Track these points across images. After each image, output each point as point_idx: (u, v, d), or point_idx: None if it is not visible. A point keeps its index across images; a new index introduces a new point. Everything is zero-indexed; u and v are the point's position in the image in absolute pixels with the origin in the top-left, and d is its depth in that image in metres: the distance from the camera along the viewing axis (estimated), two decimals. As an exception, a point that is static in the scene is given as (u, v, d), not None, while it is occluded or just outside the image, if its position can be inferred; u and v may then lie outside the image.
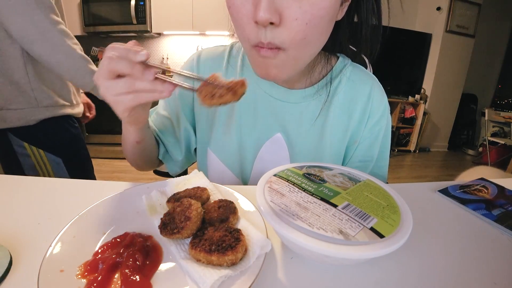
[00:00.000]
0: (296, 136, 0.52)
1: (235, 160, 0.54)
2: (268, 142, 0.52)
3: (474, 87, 3.67)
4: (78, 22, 2.82)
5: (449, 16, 3.13)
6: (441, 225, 0.40)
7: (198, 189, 0.38)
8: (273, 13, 0.32)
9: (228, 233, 0.28)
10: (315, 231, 0.25)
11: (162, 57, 3.17)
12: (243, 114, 0.52)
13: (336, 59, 0.53)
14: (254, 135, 0.52)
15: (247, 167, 0.54)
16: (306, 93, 0.51)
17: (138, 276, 0.26)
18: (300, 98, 0.51)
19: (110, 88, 0.32)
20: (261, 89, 0.52)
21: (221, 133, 0.53)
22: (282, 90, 0.51)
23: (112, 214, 0.35)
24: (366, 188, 0.33)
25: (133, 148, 0.47)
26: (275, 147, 0.52)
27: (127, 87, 0.32)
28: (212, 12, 2.76)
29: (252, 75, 0.52)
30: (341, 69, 0.52)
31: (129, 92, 0.32)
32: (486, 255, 0.33)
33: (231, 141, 0.53)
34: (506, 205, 0.44)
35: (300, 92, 0.51)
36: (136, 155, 0.50)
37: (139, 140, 0.46)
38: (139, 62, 0.32)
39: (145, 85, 0.32)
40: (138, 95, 0.33)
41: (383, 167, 0.55)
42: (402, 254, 0.32)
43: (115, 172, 2.56)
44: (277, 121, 0.52)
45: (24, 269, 0.28)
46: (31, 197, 0.43)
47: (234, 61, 0.54)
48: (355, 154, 0.54)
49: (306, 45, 0.37)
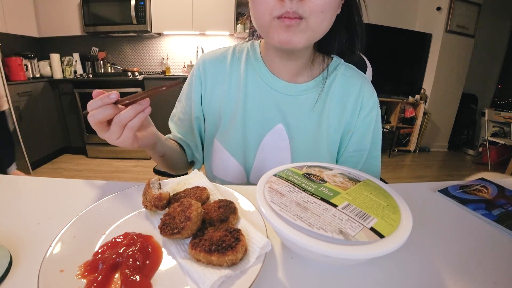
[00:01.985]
0: (296, 127, 0.56)
1: (239, 149, 0.58)
2: (270, 132, 0.57)
3: (474, 87, 3.67)
4: (78, 22, 2.82)
5: (449, 16, 3.12)
6: (441, 225, 0.40)
7: (197, 189, 0.38)
8: None
9: (228, 233, 0.28)
10: (315, 231, 0.25)
11: (162, 57, 3.17)
12: (247, 106, 0.56)
13: (331, 59, 0.58)
14: (257, 125, 0.57)
15: (250, 156, 0.58)
16: (306, 87, 0.55)
17: (138, 276, 0.26)
18: (300, 91, 0.55)
19: (111, 137, 0.38)
20: (264, 83, 0.56)
21: (227, 124, 0.58)
22: (284, 84, 0.55)
23: (112, 214, 0.35)
24: (366, 188, 0.33)
25: (160, 162, 0.56)
26: (277, 137, 0.56)
27: (118, 126, 0.37)
28: (212, 12, 2.76)
29: (255, 70, 0.55)
30: (336, 67, 0.57)
31: (122, 128, 0.37)
32: (486, 255, 0.33)
33: (236, 131, 0.57)
34: (506, 205, 0.44)
35: (301, 86, 0.55)
36: (165, 165, 0.59)
37: (161, 154, 0.53)
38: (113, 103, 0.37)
39: (128, 114, 0.37)
40: (129, 125, 0.37)
41: (376, 157, 0.60)
42: (402, 254, 0.32)
43: (115, 172, 2.56)
44: (278, 112, 0.56)
45: (24, 269, 0.28)
46: (31, 197, 0.43)
47: (238, 59, 0.58)
48: (349, 144, 0.58)
49: (324, 19, 0.43)
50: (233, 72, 0.57)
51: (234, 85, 0.57)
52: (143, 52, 3.22)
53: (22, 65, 2.51)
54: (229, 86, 0.57)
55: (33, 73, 2.72)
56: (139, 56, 3.23)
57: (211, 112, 0.59)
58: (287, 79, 0.55)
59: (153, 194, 0.36)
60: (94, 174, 2.52)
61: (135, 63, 3.24)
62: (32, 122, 2.48)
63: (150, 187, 0.38)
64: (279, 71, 0.55)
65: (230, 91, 0.57)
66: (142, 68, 3.25)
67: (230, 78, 0.57)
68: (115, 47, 3.17)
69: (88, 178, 1.35)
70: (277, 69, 0.55)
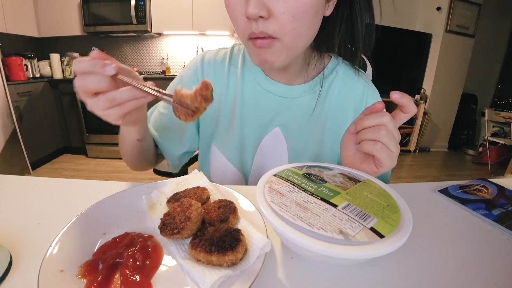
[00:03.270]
0: (294, 130, 0.55)
1: (237, 154, 0.56)
2: (268, 136, 0.55)
3: (474, 87, 3.67)
4: (78, 22, 2.82)
5: (449, 16, 3.12)
6: (441, 225, 0.40)
7: (198, 189, 0.38)
8: (262, 8, 0.37)
9: (228, 233, 0.28)
10: (315, 231, 0.25)
11: (162, 57, 3.17)
12: (244, 110, 0.55)
13: (329, 58, 0.57)
14: (255, 129, 0.55)
15: (248, 161, 0.57)
16: (303, 89, 0.54)
17: (138, 276, 0.26)
18: (297, 94, 0.54)
19: (95, 105, 0.32)
20: (260, 86, 0.55)
21: (225, 129, 0.56)
22: (281, 87, 0.54)
23: (112, 214, 0.35)
24: (366, 188, 0.33)
25: (133, 147, 0.48)
26: (274, 140, 0.55)
27: (109, 103, 0.32)
28: (212, 12, 2.76)
29: (251, 73, 0.54)
30: (334, 67, 0.56)
31: (113, 106, 0.32)
32: (486, 255, 0.33)
33: (234, 136, 0.55)
34: (506, 205, 0.44)
35: (297, 88, 0.54)
36: (135, 154, 0.50)
37: (141, 137, 0.46)
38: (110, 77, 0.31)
39: (126, 95, 0.32)
40: (123, 105, 0.32)
41: None
42: (402, 254, 0.32)
43: (115, 172, 2.56)
44: (276, 116, 0.55)
45: (24, 269, 0.28)
46: (31, 197, 0.43)
47: (235, 62, 0.57)
48: None
49: (297, 36, 0.40)
50: (231, 76, 0.56)
51: (231, 89, 0.56)
52: (143, 52, 3.22)
53: (22, 65, 2.51)
54: (226, 90, 0.56)
55: (33, 73, 2.72)
56: (139, 56, 3.23)
57: (208, 117, 0.58)
58: (283, 82, 0.54)
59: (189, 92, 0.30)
60: (94, 174, 2.52)
61: (135, 63, 3.24)
62: (32, 122, 2.48)
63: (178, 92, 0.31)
64: (274, 75, 0.54)
65: (227, 95, 0.56)
66: (142, 68, 3.25)
67: (228, 81, 0.56)
68: (115, 47, 3.17)
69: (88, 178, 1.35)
70: (272, 73, 0.54)
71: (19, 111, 2.33)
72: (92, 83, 0.31)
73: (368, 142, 0.36)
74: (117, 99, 0.31)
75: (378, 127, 0.35)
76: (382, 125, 0.35)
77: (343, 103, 0.55)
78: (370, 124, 0.36)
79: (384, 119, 0.35)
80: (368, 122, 0.36)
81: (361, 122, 0.37)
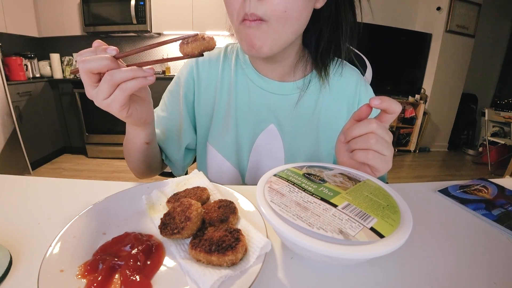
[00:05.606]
0: (288, 126, 0.55)
1: (233, 152, 0.57)
2: (263, 133, 0.56)
3: (474, 87, 3.67)
4: (78, 22, 2.82)
5: (449, 16, 3.12)
6: (441, 225, 0.40)
7: (198, 189, 0.38)
8: None
9: (228, 233, 0.28)
10: (315, 231, 0.25)
11: (162, 57, 3.17)
12: (238, 108, 0.56)
13: None
14: (250, 127, 0.56)
15: (244, 158, 0.57)
16: (296, 85, 0.55)
17: (138, 276, 0.26)
18: (291, 90, 0.55)
19: (97, 94, 0.34)
20: (253, 83, 0.55)
21: (220, 127, 0.57)
22: (272, 83, 0.55)
23: (112, 214, 0.35)
24: (366, 188, 0.33)
25: (140, 152, 0.49)
26: (269, 137, 0.56)
27: (108, 83, 0.33)
28: (212, 12, 2.76)
29: (244, 71, 0.56)
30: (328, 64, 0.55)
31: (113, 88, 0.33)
32: (486, 255, 0.33)
33: (229, 134, 0.56)
34: (506, 205, 0.44)
35: (291, 85, 0.55)
36: (142, 159, 0.51)
37: (149, 140, 0.47)
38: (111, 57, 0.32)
39: (124, 74, 0.33)
40: (123, 86, 0.33)
41: None
42: (402, 254, 0.32)
43: (115, 172, 2.56)
44: (270, 113, 0.55)
45: (24, 269, 0.28)
46: (31, 197, 0.43)
47: (228, 61, 0.58)
48: None
49: (287, 20, 0.41)
50: (225, 75, 0.57)
51: (225, 88, 0.57)
52: (143, 52, 3.20)
53: (22, 65, 2.51)
54: (221, 89, 0.57)
55: (33, 73, 2.72)
56: (139, 56, 3.23)
57: (204, 115, 0.58)
58: (276, 79, 0.55)
59: None
60: (94, 174, 2.52)
61: (135, 63, 3.24)
62: (32, 122, 2.48)
63: None
64: (267, 73, 0.55)
65: (221, 94, 0.57)
66: (142, 68, 3.24)
67: (222, 81, 0.57)
68: (115, 47, 3.17)
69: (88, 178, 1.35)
70: (265, 71, 0.55)
71: (19, 111, 2.33)
72: (94, 63, 0.32)
73: (360, 151, 0.36)
74: (114, 77, 0.32)
75: (367, 136, 0.35)
76: (371, 132, 0.35)
77: (336, 100, 0.56)
78: (359, 133, 0.36)
79: (371, 126, 0.35)
80: (356, 132, 0.36)
81: (350, 133, 0.37)
